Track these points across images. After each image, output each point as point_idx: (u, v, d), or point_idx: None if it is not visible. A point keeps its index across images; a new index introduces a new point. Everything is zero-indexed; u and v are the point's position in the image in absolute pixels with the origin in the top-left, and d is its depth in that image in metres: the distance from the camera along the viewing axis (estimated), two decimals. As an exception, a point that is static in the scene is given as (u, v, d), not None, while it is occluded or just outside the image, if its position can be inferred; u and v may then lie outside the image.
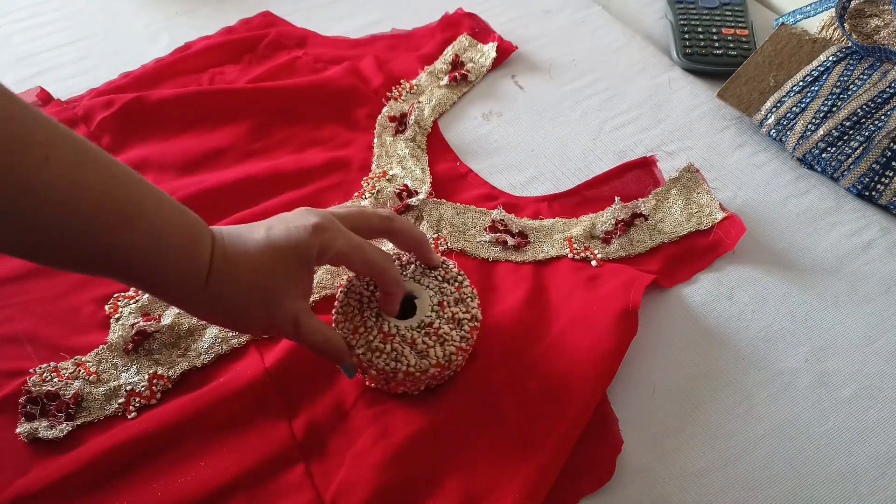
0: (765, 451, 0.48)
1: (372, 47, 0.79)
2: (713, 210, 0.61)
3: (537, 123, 0.72)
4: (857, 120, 0.63)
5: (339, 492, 0.44)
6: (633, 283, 0.54)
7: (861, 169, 0.63)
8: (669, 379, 0.52)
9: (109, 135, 0.66)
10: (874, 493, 0.47)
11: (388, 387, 0.48)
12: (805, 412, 0.51)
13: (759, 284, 0.58)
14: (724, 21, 0.80)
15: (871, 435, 0.49)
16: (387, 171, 0.65)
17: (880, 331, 0.55)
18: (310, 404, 0.49)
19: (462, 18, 0.82)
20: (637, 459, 0.48)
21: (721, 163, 0.68)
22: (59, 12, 0.83)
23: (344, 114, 0.71)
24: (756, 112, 0.68)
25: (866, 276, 0.59)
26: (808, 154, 0.65)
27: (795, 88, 0.67)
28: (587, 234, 0.60)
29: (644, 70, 0.78)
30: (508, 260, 0.58)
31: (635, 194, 0.63)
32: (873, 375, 0.53)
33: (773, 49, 0.70)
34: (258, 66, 0.75)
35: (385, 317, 0.48)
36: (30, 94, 0.70)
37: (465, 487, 0.45)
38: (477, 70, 0.76)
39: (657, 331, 0.55)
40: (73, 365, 0.50)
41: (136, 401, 0.49)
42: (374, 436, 0.47)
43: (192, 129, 0.68)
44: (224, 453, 0.46)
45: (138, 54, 0.77)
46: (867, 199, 0.64)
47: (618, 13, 0.86)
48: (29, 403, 0.48)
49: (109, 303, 0.54)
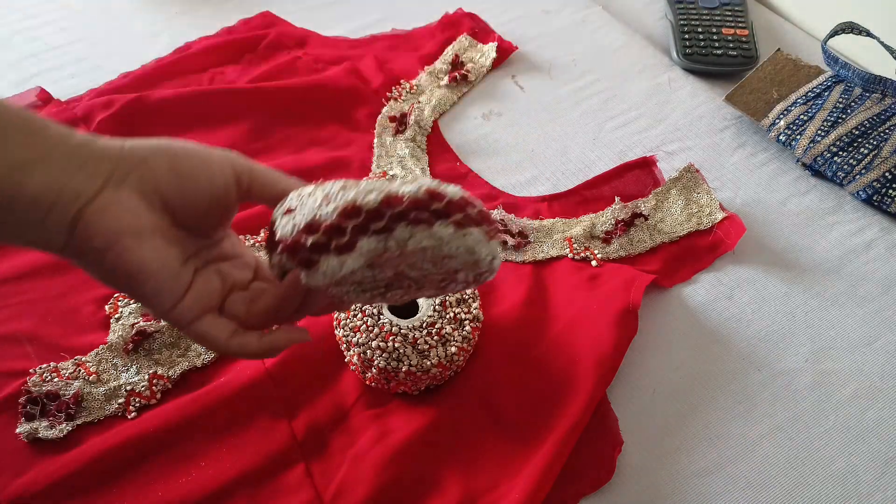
0: (765, 451, 0.48)
1: (372, 47, 0.79)
2: (713, 210, 0.61)
3: (537, 123, 0.72)
4: (867, 129, 0.64)
5: (339, 492, 0.44)
6: (633, 283, 0.54)
7: (873, 175, 0.63)
8: (669, 379, 0.52)
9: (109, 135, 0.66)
10: (874, 493, 0.47)
11: (389, 386, 0.48)
12: (805, 412, 0.51)
13: (759, 284, 0.58)
14: (724, 21, 0.80)
15: (871, 435, 0.49)
16: (387, 171, 0.65)
17: (880, 331, 0.55)
18: (310, 404, 0.49)
19: (462, 18, 0.82)
20: (637, 459, 0.48)
21: (721, 163, 0.68)
22: (59, 12, 0.83)
23: (344, 114, 0.71)
24: (764, 117, 0.68)
25: (866, 276, 0.59)
26: (819, 158, 0.65)
27: (800, 101, 0.67)
28: (587, 234, 0.60)
29: (644, 70, 0.78)
30: (508, 260, 0.58)
31: (635, 194, 0.63)
32: (873, 375, 0.53)
33: (773, 69, 0.71)
34: (258, 67, 0.75)
35: (386, 316, 0.48)
36: (30, 94, 0.70)
37: (465, 487, 0.45)
38: (477, 70, 0.76)
39: (657, 331, 0.55)
40: (73, 365, 0.50)
41: (136, 401, 0.49)
42: (374, 436, 0.47)
43: (192, 129, 0.68)
44: (224, 453, 0.46)
45: (138, 54, 0.77)
46: (874, 205, 0.64)
47: (618, 13, 0.86)
48: (29, 403, 0.48)
49: (109, 303, 0.54)
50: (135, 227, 0.32)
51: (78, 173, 0.31)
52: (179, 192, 0.33)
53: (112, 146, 0.32)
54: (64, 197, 0.30)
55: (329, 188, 0.33)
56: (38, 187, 0.30)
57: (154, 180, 0.33)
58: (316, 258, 0.32)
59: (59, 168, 0.30)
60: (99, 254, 0.31)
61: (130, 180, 0.32)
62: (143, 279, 0.32)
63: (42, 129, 0.31)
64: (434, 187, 0.33)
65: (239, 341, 0.36)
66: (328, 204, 0.32)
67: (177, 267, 0.34)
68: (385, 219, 0.32)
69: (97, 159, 0.31)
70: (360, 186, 0.33)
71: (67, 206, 0.30)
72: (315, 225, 0.32)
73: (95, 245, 0.31)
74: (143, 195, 0.32)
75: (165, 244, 0.33)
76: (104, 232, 0.31)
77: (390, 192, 0.32)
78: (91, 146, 0.32)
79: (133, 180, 0.32)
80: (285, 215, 0.33)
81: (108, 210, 0.31)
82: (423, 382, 0.48)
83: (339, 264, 0.32)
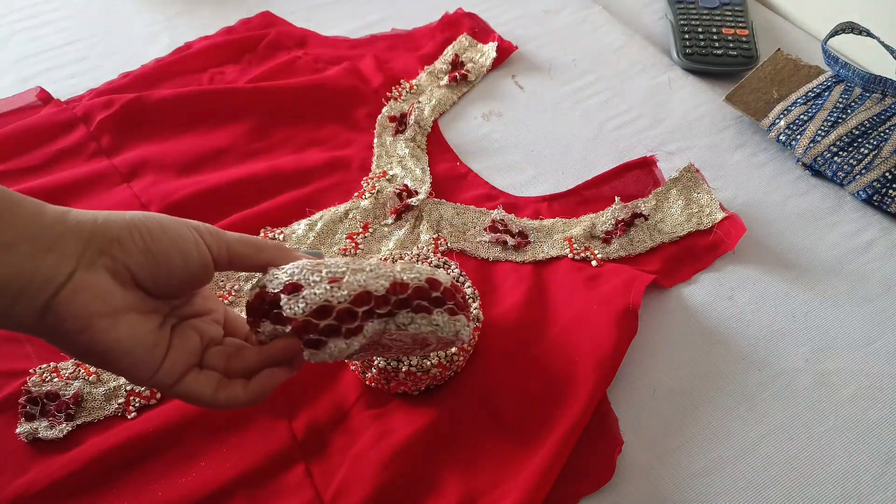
0: (765, 451, 0.48)
1: (372, 47, 0.79)
2: (713, 210, 0.61)
3: (537, 123, 0.72)
4: (867, 129, 0.64)
5: (339, 492, 0.44)
6: (634, 283, 0.54)
7: (873, 175, 0.62)
8: (669, 379, 0.52)
9: (109, 135, 0.66)
10: (874, 493, 0.47)
11: (389, 386, 0.48)
12: (805, 412, 0.50)
13: (759, 284, 0.58)
14: (724, 21, 0.80)
15: (871, 435, 0.49)
16: (387, 171, 0.65)
17: (880, 331, 0.55)
18: (310, 404, 0.49)
19: (462, 18, 0.82)
20: (637, 459, 0.48)
21: (721, 163, 0.68)
22: (59, 12, 0.83)
23: (344, 114, 0.71)
24: (764, 117, 0.68)
25: (866, 276, 0.59)
26: (819, 158, 0.65)
27: (800, 100, 0.67)
28: (587, 234, 0.60)
29: (644, 70, 0.78)
30: (508, 260, 0.58)
31: (635, 194, 0.63)
32: (873, 375, 0.53)
33: (773, 69, 0.70)
34: (258, 66, 0.75)
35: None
36: (30, 94, 0.70)
37: (465, 487, 0.45)
38: (477, 70, 0.76)
39: (657, 331, 0.55)
40: (73, 365, 0.50)
41: (136, 401, 0.49)
42: (374, 436, 0.47)
43: (192, 129, 0.68)
44: (224, 453, 0.46)
45: (138, 54, 0.77)
46: (874, 205, 0.64)
47: (618, 13, 0.86)
48: (29, 403, 0.48)
49: (109, 303, 0.54)
50: (107, 308, 0.32)
51: (49, 255, 0.30)
52: (153, 274, 0.33)
53: (85, 221, 0.32)
54: (35, 283, 0.30)
55: (334, 268, 0.35)
56: (7, 274, 0.29)
57: (127, 262, 0.32)
58: (325, 340, 0.34)
59: (30, 252, 0.30)
60: (71, 335, 0.31)
61: (103, 261, 0.32)
62: (118, 357, 0.32)
63: (14, 208, 0.30)
64: (431, 275, 0.37)
65: (226, 395, 0.36)
66: (340, 289, 0.34)
67: (153, 338, 0.34)
68: (390, 304, 0.35)
69: (69, 238, 0.31)
70: (366, 270, 0.35)
71: (38, 291, 0.30)
72: (328, 309, 0.34)
73: (68, 327, 0.31)
74: (115, 275, 0.32)
75: (140, 318, 0.33)
76: (77, 315, 0.31)
77: (395, 279, 0.36)
78: (64, 222, 0.31)
79: (106, 261, 0.32)
80: (292, 294, 0.34)
81: (80, 294, 0.31)
82: (423, 382, 0.48)
83: (346, 346, 0.34)
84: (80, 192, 0.62)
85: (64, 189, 0.62)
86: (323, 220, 0.60)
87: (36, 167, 0.64)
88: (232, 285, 0.55)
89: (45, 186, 0.61)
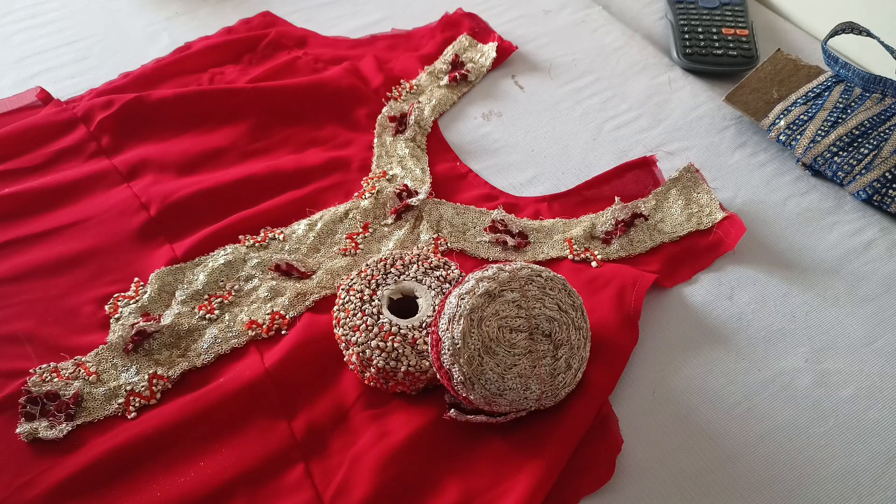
0: (765, 451, 0.48)
1: (372, 47, 0.79)
2: (713, 210, 0.61)
3: (537, 123, 0.72)
4: (867, 129, 0.64)
5: (338, 492, 0.44)
6: (635, 286, 0.54)
7: (873, 175, 0.62)
8: (669, 379, 0.52)
9: (109, 135, 0.66)
10: (874, 493, 0.47)
11: (388, 386, 0.48)
12: (805, 412, 0.50)
13: (759, 284, 0.58)
14: (724, 21, 0.80)
15: (871, 435, 0.49)
16: (387, 171, 0.65)
17: (880, 331, 0.55)
18: (310, 404, 0.49)
19: (462, 18, 0.82)
20: (637, 459, 0.48)
21: (721, 163, 0.68)
22: (59, 12, 0.83)
23: (344, 114, 0.71)
24: (764, 117, 0.68)
25: (866, 276, 0.59)
26: (819, 158, 0.65)
27: (800, 101, 0.67)
28: (587, 235, 0.60)
29: (644, 70, 0.78)
30: (508, 260, 0.58)
31: (635, 194, 0.63)
32: (873, 375, 0.53)
33: (773, 69, 0.70)
34: (258, 66, 0.75)
35: (386, 315, 0.48)
36: (30, 94, 0.70)
37: (464, 487, 0.45)
38: (477, 70, 0.76)
39: (657, 331, 0.55)
40: (73, 365, 0.50)
41: (136, 401, 0.49)
42: (374, 436, 0.47)
43: (192, 129, 0.68)
44: (224, 453, 0.46)
45: (138, 54, 0.77)
46: (874, 205, 0.64)
47: (618, 13, 0.86)
48: (29, 403, 0.48)
49: (109, 303, 0.54)
50: None
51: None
52: None
53: None
54: None
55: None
56: None
57: None
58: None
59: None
60: None
61: None
62: None
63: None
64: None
65: None
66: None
67: None
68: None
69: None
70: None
71: None
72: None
73: None
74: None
75: None
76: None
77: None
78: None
79: None
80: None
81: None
82: (422, 382, 0.48)
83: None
84: (80, 192, 0.62)
85: (64, 189, 0.62)
86: (323, 220, 0.60)
87: (36, 167, 0.64)
88: (232, 285, 0.55)
89: (46, 186, 0.61)
